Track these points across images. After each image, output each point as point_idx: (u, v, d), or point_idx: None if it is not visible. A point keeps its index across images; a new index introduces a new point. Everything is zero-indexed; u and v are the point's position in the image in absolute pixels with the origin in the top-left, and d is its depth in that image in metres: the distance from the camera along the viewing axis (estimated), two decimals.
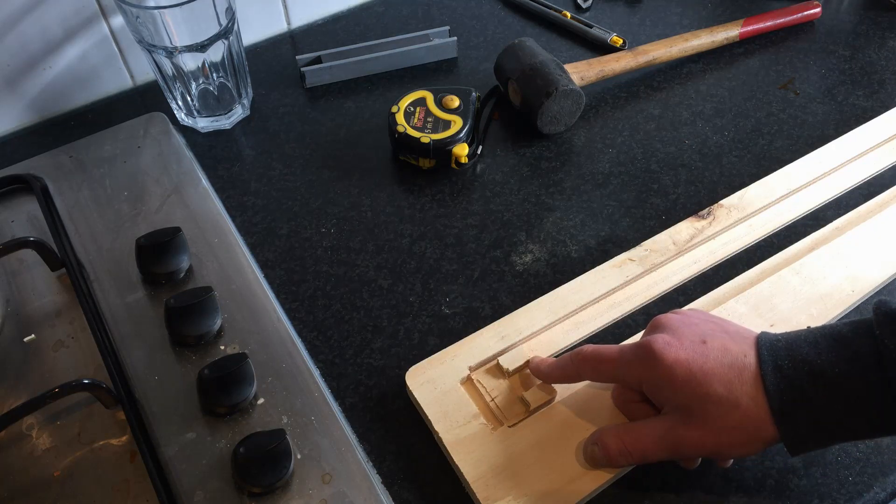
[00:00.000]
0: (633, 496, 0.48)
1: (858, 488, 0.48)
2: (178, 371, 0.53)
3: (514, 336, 0.54)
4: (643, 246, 0.60)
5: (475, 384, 0.52)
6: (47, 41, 0.68)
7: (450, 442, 0.49)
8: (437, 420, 0.50)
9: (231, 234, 0.61)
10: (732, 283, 0.58)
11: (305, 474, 0.48)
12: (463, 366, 0.53)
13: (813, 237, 0.61)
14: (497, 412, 0.50)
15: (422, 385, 0.52)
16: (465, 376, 0.52)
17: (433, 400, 0.51)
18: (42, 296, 0.58)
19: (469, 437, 0.49)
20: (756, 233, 0.62)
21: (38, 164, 0.66)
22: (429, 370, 0.53)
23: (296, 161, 0.68)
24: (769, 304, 0.56)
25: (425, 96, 0.68)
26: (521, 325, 0.55)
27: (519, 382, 0.52)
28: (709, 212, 0.62)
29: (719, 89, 0.74)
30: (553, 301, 0.57)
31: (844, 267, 0.58)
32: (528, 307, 0.56)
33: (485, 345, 0.54)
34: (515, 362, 0.52)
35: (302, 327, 0.57)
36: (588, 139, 0.70)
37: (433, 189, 0.66)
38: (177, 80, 0.67)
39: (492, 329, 0.55)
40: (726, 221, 0.62)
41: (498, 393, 0.51)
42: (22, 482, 0.48)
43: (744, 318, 0.55)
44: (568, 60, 0.73)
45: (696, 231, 0.61)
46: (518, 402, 0.51)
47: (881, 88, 0.74)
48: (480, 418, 0.50)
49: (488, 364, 0.53)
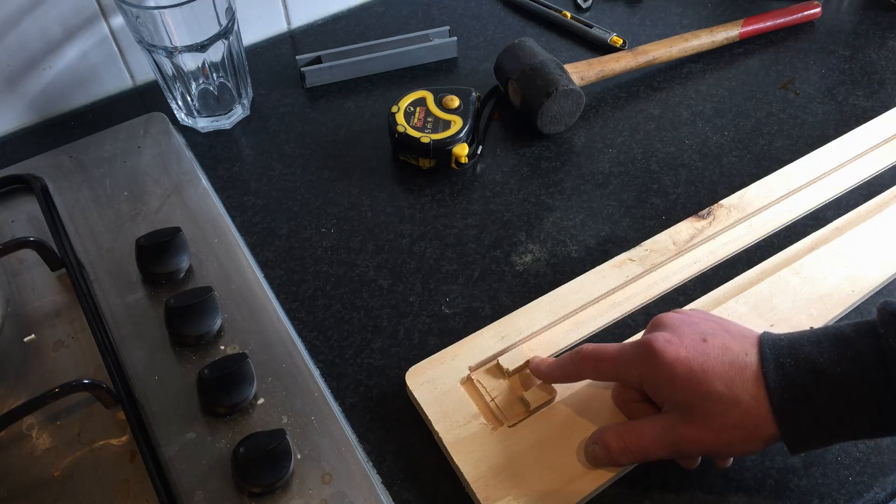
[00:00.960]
0: (633, 496, 0.48)
1: (858, 488, 0.48)
2: (178, 371, 0.53)
3: (515, 336, 0.54)
4: (643, 246, 0.60)
5: (475, 384, 0.52)
6: (47, 41, 0.68)
7: (450, 442, 0.49)
8: (437, 420, 0.50)
9: (231, 234, 0.61)
10: (732, 283, 0.58)
11: (305, 474, 0.48)
12: (463, 366, 0.53)
13: (813, 237, 0.61)
14: (497, 412, 0.50)
15: (422, 385, 0.52)
16: (465, 376, 0.52)
17: (433, 400, 0.51)
18: (42, 296, 0.58)
19: (469, 437, 0.49)
20: (756, 233, 0.62)
21: (38, 164, 0.66)
22: (429, 370, 0.53)
23: (296, 161, 0.68)
24: (769, 304, 0.56)
25: (425, 96, 0.68)
26: (521, 325, 0.55)
27: (519, 382, 0.52)
28: (709, 212, 0.62)
29: (719, 89, 0.74)
30: (553, 301, 0.57)
31: (844, 267, 0.58)
32: (528, 307, 0.56)
33: (485, 345, 0.54)
34: (515, 362, 0.52)
35: (302, 327, 0.57)
36: (588, 139, 0.70)
37: (433, 189, 0.66)
38: (177, 80, 0.67)
39: (492, 329, 0.55)
40: (726, 221, 0.62)
41: (498, 393, 0.51)
42: (22, 482, 0.48)
43: (744, 318, 0.55)
44: (568, 60, 0.73)
45: (696, 231, 0.61)
46: (518, 402, 0.51)
47: (881, 88, 0.74)
48: (480, 418, 0.50)
49: (488, 364, 0.53)
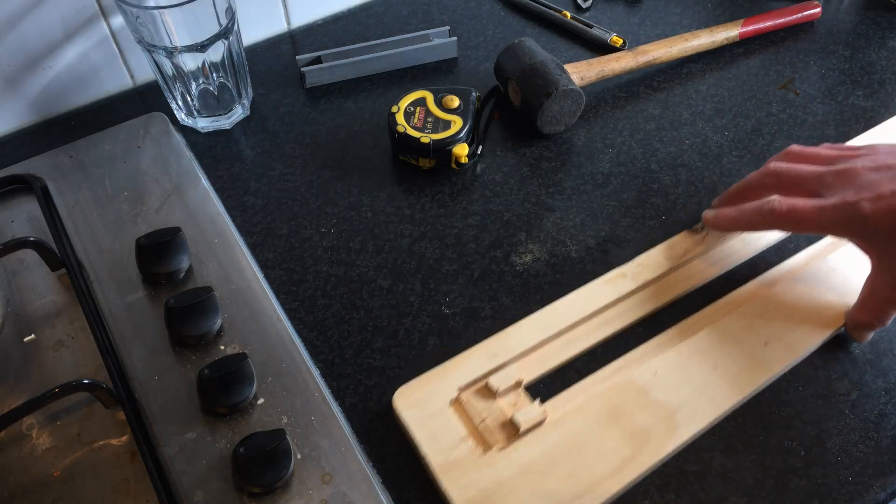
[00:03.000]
0: (633, 496, 0.48)
1: (858, 488, 0.48)
2: (178, 371, 0.53)
3: (505, 354, 0.53)
4: (636, 261, 0.59)
5: (464, 405, 0.51)
6: (47, 41, 0.68)
7: (438, 466, 0.48)
8: (425, 443, 0.49)
9: (231, 234, 0.61)
10: (726, 298, 0.57)
11: (305, 474, 0.48)
12: (452, 386, 0.51)
13: (808, 252, 0.60)
14: (487, 434, 0.49)
15: (409, 407, 0.50)
16: (454, 397, 0.51)
17: (421, 423, 0.49)
18: (42, 296, 0.58)
19: (457, 460, 0.48)
20: (750, 248, 0.60)
21: (38, 164, 0.66)
22: (417, 391, 0.51)
23: (296, 161, 0.68)
24: (763, 320, 0.55)
25: (425, 96, 0.68)
26: (512, 343, 0.54)
27: (510, 404, 0.51)
28: (703, 226, 0.61)
29: (719, 89, 0.74)
30: (544, 318, 0.55)
31: (840, 283, 0.57)
32: (519, 324, 0.55)
33: (475, 364, 0.52)
34: (506, 382, 0.51)
35: (302, 327, 0.57)
36: (588, 139, 0.70)
37: (433, 189, 0.66)
38: (177, 80, 0.67)
39: (482, 347, 0.54)
40: (721, 236, 0.60)
41: (487, 415, 0.50)
42: (22, 482, 0.48)
43: (738, 336, 0.54)
44: (568, 60, 0.73)
45: (690, 246, 0.60)
46: (508, 425, 0.50)
47: (881, 88, 0.74)
48: (469, 441, 0.49)
49: (478, 384, 0.52)
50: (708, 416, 0.50)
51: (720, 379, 0.52)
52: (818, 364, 0.54)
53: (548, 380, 0.53)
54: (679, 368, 0.53)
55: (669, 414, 0.50)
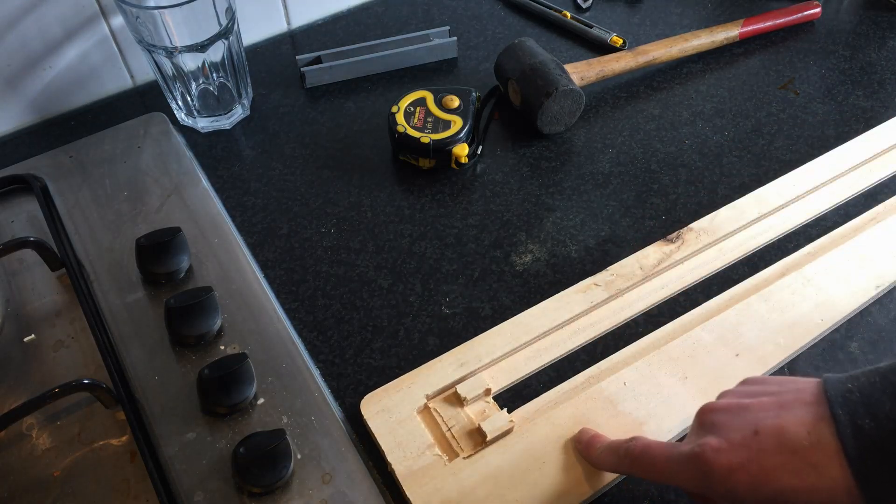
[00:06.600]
0: (633, 496, 0.48)
1: None
2: (178, 371, 0.53)
3: (474, 363, 0.53)
4: (609, 270, 0.58)
5: (432, 413, 0.51)
6: (47, 41, 0.68)
7: (402, 474, 0.47)
8: (391, 451, 0.48)
9: (231, 234, 0.61)
10: (699, 309, 0.56)
11: (305, 474, 0.48)
12: (420, 394, 0.51)
13: (783, 262, 0.59)
14: (453, 442, 0.49)
15: (377, 414, 0.50)
16: (422, 405, 0.51)
17: (387, 430, 0.49)
18: (42, 296, 0.58)
19: (422, 468, 0.48)
20: (726, 257, 0.60)
21: (38, 164, 0.66)
22: (384, 398, 0.51)
23: (296, 161, 0.68)
24: (735, 332, 0.54)
25: (425, 96, 0.68)
26: (481, 351, 0.53)
27: (478, 412, 0.51)
28: (678, 235, 0.60)
29: (719, 89, 0.74)
30: (514, 327, 0.55)
31: (815, 294, 0.56)
32: (489, 333, 0.54)
33: (443, 372, 0.52)
34: (474, 390, 0.51)
35: (302, 327, 0.57)
36: (588, 139, 0.70)
37: (433, 189, 0.66)
38: (177, 80, 0.67)
39: (451, 356, 0.53)
40: (695, 245, 0.60)
41: (455, 423, 0.50)
42: (22, 482, 0.48)
43: (709, 347, 0.54)
44: (568, 60, 0.73)
45: (664, 255, 0.59)
46: (476, 433, 0.49)
47: (881, 88, 0.74)
48: (435, 449, 0.49)
49: (446, 392, 0.52)
50: (676, 429, 0.50)
51: (690, 390, 0.52)
52: (818, 364, 0.54)
53: (517, 389, 0.53)
54: (648, 379, 0.52)
55: (637, 426, 0.50)
